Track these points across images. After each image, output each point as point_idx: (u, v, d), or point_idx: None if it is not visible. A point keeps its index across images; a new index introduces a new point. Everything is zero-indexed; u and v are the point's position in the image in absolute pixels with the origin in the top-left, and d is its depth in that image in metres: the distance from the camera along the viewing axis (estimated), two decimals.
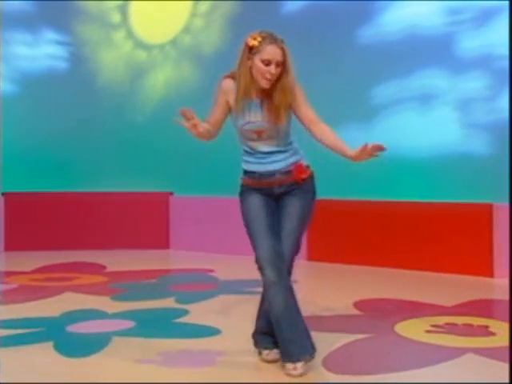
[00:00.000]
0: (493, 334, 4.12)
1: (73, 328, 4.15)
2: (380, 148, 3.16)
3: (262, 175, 3.39)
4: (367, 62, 7.33)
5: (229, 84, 3.38)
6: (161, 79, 8.81)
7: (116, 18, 8.94)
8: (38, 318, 4.47)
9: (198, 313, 4.63)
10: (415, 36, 7.08)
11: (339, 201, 7.08)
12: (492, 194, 6.41)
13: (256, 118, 3.33)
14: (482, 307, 4.97)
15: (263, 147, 3.37)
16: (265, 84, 3.27)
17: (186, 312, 4.63)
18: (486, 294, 5.49)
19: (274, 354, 3.41)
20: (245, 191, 3.46)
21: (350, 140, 7.56)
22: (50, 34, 8.73)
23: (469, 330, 4.19)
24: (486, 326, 4.27)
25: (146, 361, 3.46)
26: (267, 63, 3.24)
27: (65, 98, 8.50)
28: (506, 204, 6.16)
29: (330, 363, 3.44)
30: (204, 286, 5.71)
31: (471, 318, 4.51)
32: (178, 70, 8.75)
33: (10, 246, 7.80)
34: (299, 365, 3.19)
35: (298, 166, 3.41)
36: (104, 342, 3.78)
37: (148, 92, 8.83)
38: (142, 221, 8.06)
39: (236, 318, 4.54)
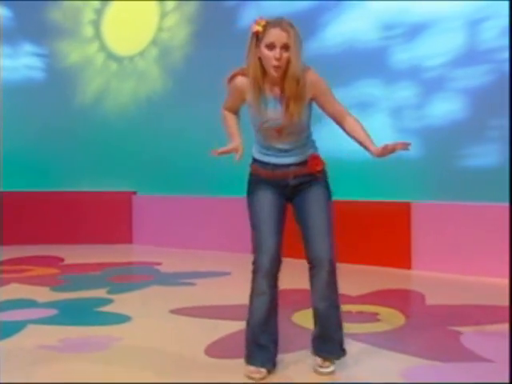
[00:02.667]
0: (378, 320, 4.20)
1: None
2: (404, 145, 2.93)
3: (276, 166, 3.07)
4: None
5: (244, 82, 3.00)
6: (130, 88, 8.89)
7: (89, 32, 9.03)
8: None
9: (121, 302, 4.69)
10: (354, 49, 7.15)
11: None
12: (419, 192, 6.50)
13: (275, 115, 2.95)
14: (385, 296, 5.01)
15: (282, 145, 3.03)
16: (273, 71, 2.86)
17: (110, 301, 4.69)
18: (396, 284, 5.55)
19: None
20: (255, 183, 3.13)
21: None
22: (28, 47, 8.84)
23: (358, 318, 4.27)
24: (376, 314, 4.35)
25: (46, 347, 3.51)
26: (271, 47, 2.84)
27: (42, 106, 8.61)
28: (425, 202, 6.26)
29: (212, 349, 3.51)
30: (142, 278, 5.79)
31: (367, 306, 4.58)
32: (145, 80, 8.83)
33: None
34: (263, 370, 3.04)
35: (313, 157, 3.09)
36: (17, 329, 3.85)
37: (118, 100, 8.91)
38: (108, 217, 8.16)
39: (152, 307, 4.61)
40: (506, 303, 4.68)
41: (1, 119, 8.17)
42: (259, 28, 2.88)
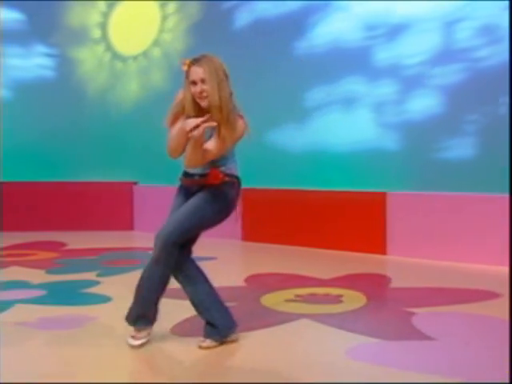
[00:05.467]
0: (340, 302, 4.22)
1: None
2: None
3: (187, 175, 3.27)
4: (300, 71, 7.43)
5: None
6: (134, 85, 8.95)
7: (97, 33, 9.10)
8: None
9: (106, 284, 4.74)
10: (339, 48, 7.15)
11: (272, 190, 7.22)
12: (399, 182, 6.51)
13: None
14: (354, 279, 5.01)
15: (193, 170, 3.22)
16: (201, 102, 3.06)
17: (97, 283, 4.76)
18: (369, 269, 5.53)
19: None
20: (178, 188, 3.37)
21: (285, 137, 7.76)
22: (41, 48, 8.93)
23: (323, 299, 4.29)
24: (340, 296, 4.37)
25: (24, 323, 3.59)
26: (194, 84, 3.04)
27: (52, 103, 8.69)
28: (399, 192, 6.27)
29: (177, 328, 3.56)
30: (131, 262, 5.83)
31: (335, 288, 4.59)
32: (148, 78, 8.89)
33: (3, 227, 8.01)
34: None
35: (214, 173, 3.17)
36: (4, 307, 3.93)
37: (123, 97, 8.98)
38: (111, 206, 8.25)
39: (134, 289, 4.64)
40: (465, 286, 4.70)
41: (0, 117, 8.18)
42: (186, 67, 3.06)
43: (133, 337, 3.25)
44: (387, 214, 6.20)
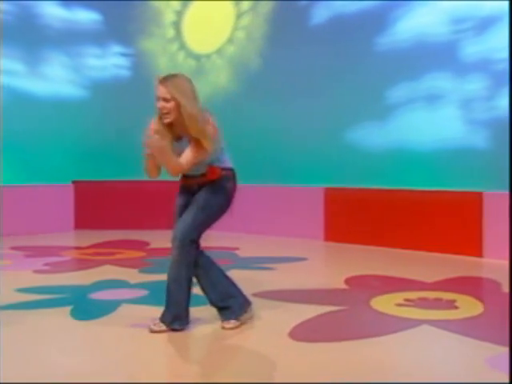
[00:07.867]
0: (456, 307, 3.98)
1: (94, 295, 4.22)
2: None
3: (187, 177, 3.46)
4: (382, 67, 7.21)
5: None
6: (208, 84, 8.83)
7: (171, 32, 9.02)
8: (69, 285, 4.57)
9: None
10: (424, 43, 6.89)
11: (354, 189, 7.00)
12: (490, 182, 6.20)
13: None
14: (460, 283, 4.78)
15: (193, 172, 3.38)
16: (163, 118, 3.25)
17: (195, 284, 4.63)
18: (469, 272, 5.30)
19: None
20: (179, 189, 3.58)
21: (366, 134, 7.51)
22: (116, 48, 8.90)
23: (436, 304, 4.06)
24: (454, 301, 4.12)
25: (137, 325, 3.48)
26: (157, 100, 3.26)
27: (128, 101, 8.64)
28: (497, 192, 5.95)
29: (295, 332, 3.38)
30: (222, 262, 5.67)
31: (444, 293, 4.35)
32: (222, 76, 8.76)
33: (78, 225, 8.05)
34: None
35: (212, 169, 3.39)
36: (113, 307, 3.84)
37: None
38: None
39: None
40: None
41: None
42: (156, 84, 3.26)
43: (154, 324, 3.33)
44: (484, 215, 5.88)
